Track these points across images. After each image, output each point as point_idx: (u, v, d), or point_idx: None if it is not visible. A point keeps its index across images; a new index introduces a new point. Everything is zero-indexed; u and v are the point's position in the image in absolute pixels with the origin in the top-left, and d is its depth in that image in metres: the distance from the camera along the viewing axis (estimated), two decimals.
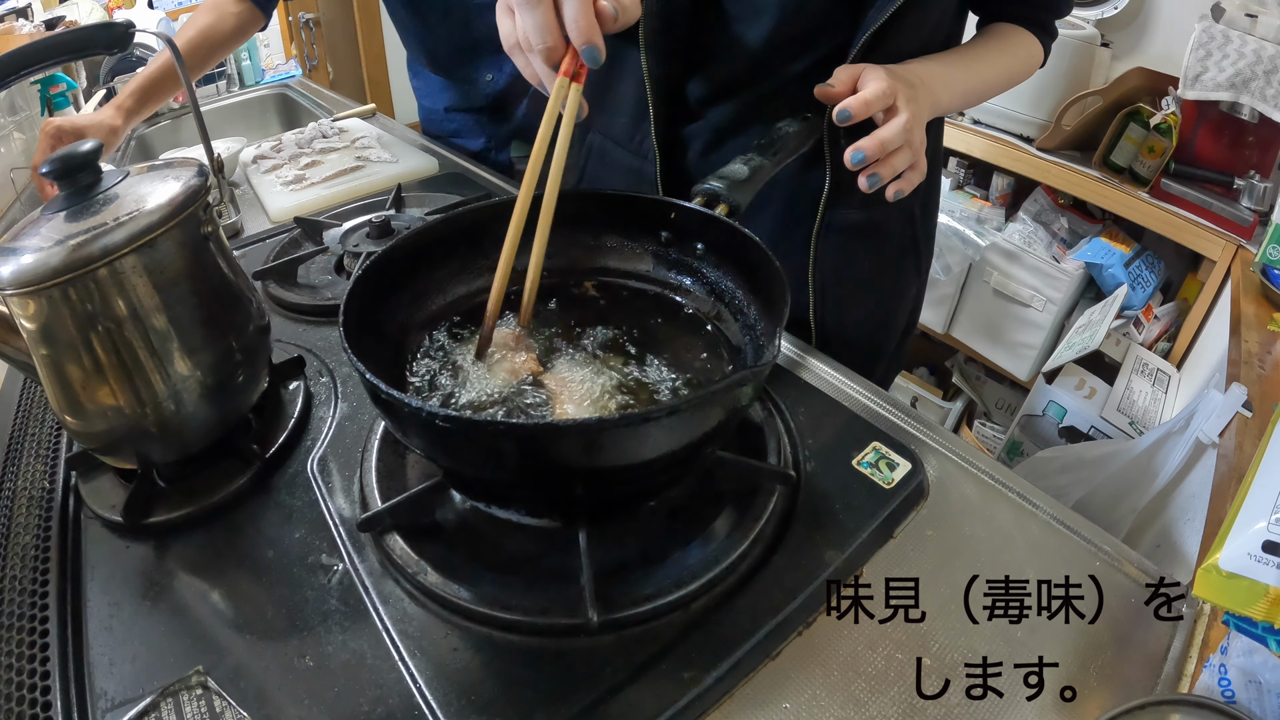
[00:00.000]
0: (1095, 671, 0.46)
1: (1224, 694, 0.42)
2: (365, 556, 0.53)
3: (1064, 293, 1.59)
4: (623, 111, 0.81)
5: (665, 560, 0.51)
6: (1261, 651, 0.42)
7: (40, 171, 0.54)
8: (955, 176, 1.83)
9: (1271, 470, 0.42)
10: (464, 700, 0.44)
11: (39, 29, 1.35)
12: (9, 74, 0.69)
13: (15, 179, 1.20)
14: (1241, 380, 0.92)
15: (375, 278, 0.55)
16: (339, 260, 0.88)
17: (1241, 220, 1.33)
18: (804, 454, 0.59)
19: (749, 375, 0.45)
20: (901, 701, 0.44)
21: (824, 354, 0.72)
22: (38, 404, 0.73)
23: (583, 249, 0.66)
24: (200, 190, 0.56)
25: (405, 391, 0.54)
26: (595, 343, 0.60)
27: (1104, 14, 1.57)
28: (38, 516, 0.59)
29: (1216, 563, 0.39)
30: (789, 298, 0.50)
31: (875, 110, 0.60)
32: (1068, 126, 1.53)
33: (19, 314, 0.52)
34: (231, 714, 0.44)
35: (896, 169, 0.62)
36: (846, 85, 0.62)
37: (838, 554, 0.51)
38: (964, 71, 0.72)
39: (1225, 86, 1.30)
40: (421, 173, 1.16)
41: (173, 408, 0.55)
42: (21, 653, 0.49)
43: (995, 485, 0.58)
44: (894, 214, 0.80)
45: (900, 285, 0.87)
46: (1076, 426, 1.38)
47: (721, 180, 0.59)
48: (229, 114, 1.65)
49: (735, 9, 0.70)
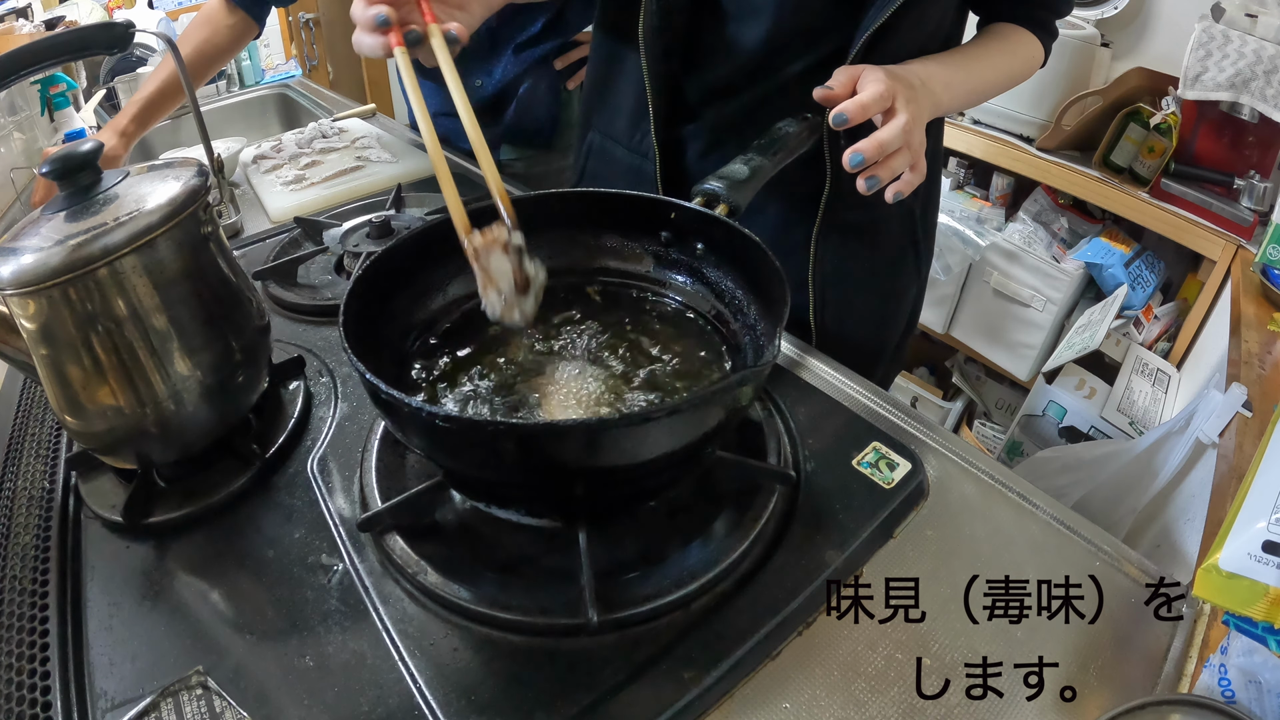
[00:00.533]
0: (1095, 671, 0.46)
1: (1224, 694, 0.42)
2: (365, 556, 0.53)
3: (1064, 293, 1.58)
4: (623, 110, 0.81)
5: (665, 560, 0.51)
6: (1261, 651, 0.42)
7: (40, 172, 0.54)
8: (955, 176, 1.83)
9: (1271, 470, 0.42)
10: (464, 700, 0.44)
11: (39, 29, 1.35)
12: (9, 74, 0.69)
13: (15, 179, 1.20)
14: (1241, 380, 0.92)
15: (375, 278, 0.55)
16: (339, 260, 0.88)
17: (1241, 220, 1.33)
18: (804, 454, 0.59)
19: (749, 375, 0.45)
20: (901, 701, 0.44)
21: (824, 354, 0.72)
22: (38, 404, 0.73)
23: (583, 249, 0.66)
24: (200, 190, 0.56)
25: (405, 392, 0.54)
26: (595, 342, 0.60)
27: (1104, 14, 1.57)
28: (38, 516, 0.59)
29: (1216, 563, 0.39)
30: (789, 297, 0.50)
31: (873, 113, 0.60)
32: (1068, 126, 1.53)
33: (19, 314, 0.52)
34: (231, 714, 0.44)
35: (895, 171, 0.61)
36: (845, 88, 0.61)
37: (838, 554, 0.51)
38: (964, 72, 0.71)
39: (1225, 86, 1.30)
40: (421, 173, 1.16)
41: (173, 408, 0.55)
42: (21, 653, 0.49)
43: (995, 485, 0.58)
44: (894, 214, 0.80)
45: (900, 285, 0.87)
46: (1076, 426, 1.38)
47: (721, 180, 0.59)
48: (229, 114, 1.65)
49: (733, 8, 0.70)
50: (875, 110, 0.60)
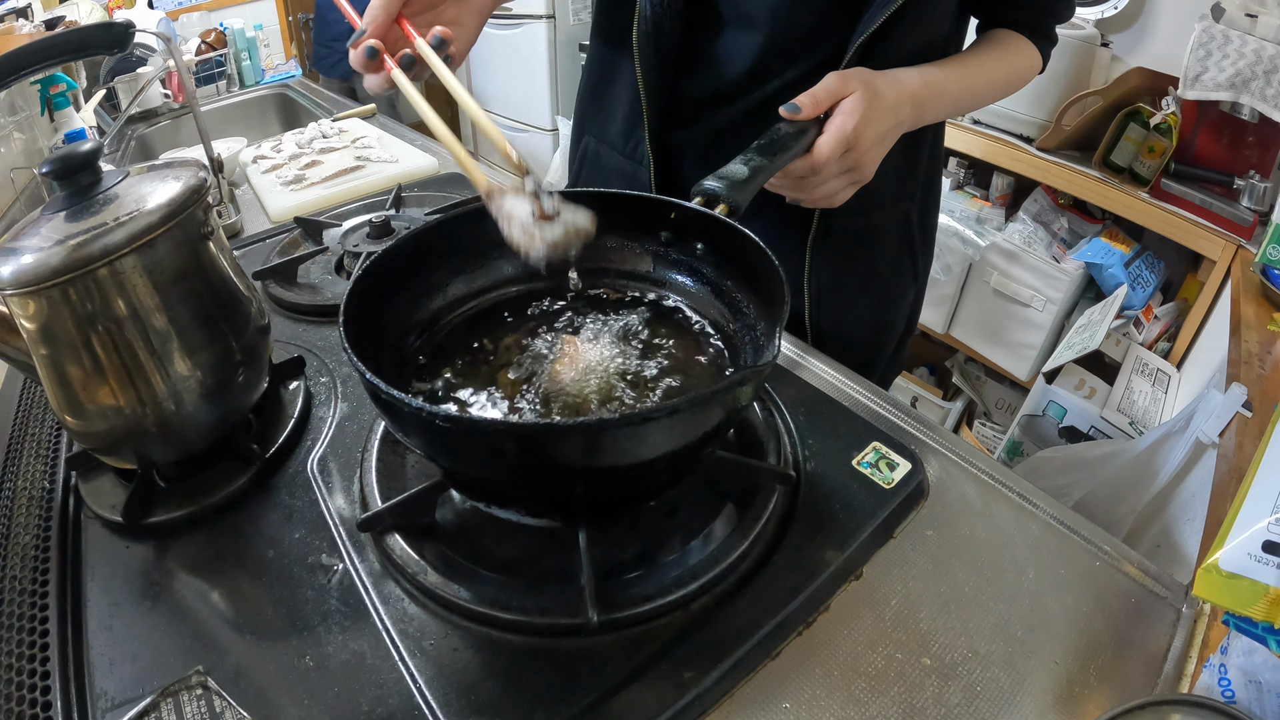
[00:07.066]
0: (1095, 671, 0.46)
1: (1224, 694, 0.42)
2: (365, 556, 0.53)
3: (1064, 293, 1.59)
4: (617, 116, 0.81)
5: (665, 560, 0.51)
6: (1261, 651, 0.42)
7: (40, 172, 0.54)
8: (955, 176, 1.83)
9: (1271, 470, 0.42)
10: (464, 700, 0.44)
11: (39, 29, 1.35)
12: (9, 74, 0.69)
13: (15, 179, 1.20)
14: (1241, 380, 0.92)
15: (375, 278, 0.55)
16: (339, 260, 0.88)
17: (1241, 220, 1.33)
18: (804, 454, 0.59)
19: (749, 375, 0.45)
20: (901, 701, 0.44)
21: (824, 354, 0.72)
22: (38, 404, 0.73)
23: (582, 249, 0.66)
24: (200, 190, 0.56)
25: (405, 392, 0.54)
26: (595, 343, 0.60)
27: (1104, 14, 1.57)
28: (38, 516, 0.59)
29: (1216, 563, 0.39)
30: (789, 298, 0.50)
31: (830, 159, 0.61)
32: (1068, 126, 1.53)
33: (19, 314, 0.52)
34: (231, 714, 0.44)
35: (816, 202, 0.65)
36: (819, 109, 0.62)
37: (838, 554, 0.51)
38: (958, 82, 0.71)
39: (1225, 86, 1.30)
40: (421, 173, 1.16)
41: (173, 408, 0.55)
42: (21, 653, 0.49)
43: (995, 485, 0.58)
44: (891, 219, 0.80)
45: (897, 290, 0.87)
46: (1076, 426, 1.38)
47: (721, 180, 0.59)
48: (229, 114, 1.65)
49: (728, 14, 0.70)
50: (832, 157, 0.61)
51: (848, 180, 0.64)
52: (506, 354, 0.59)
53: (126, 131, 1.51)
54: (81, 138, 1.26)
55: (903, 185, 0.79)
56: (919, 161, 0.80)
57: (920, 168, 0.81)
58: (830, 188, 0.64)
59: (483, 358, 0.59)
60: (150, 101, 1.57)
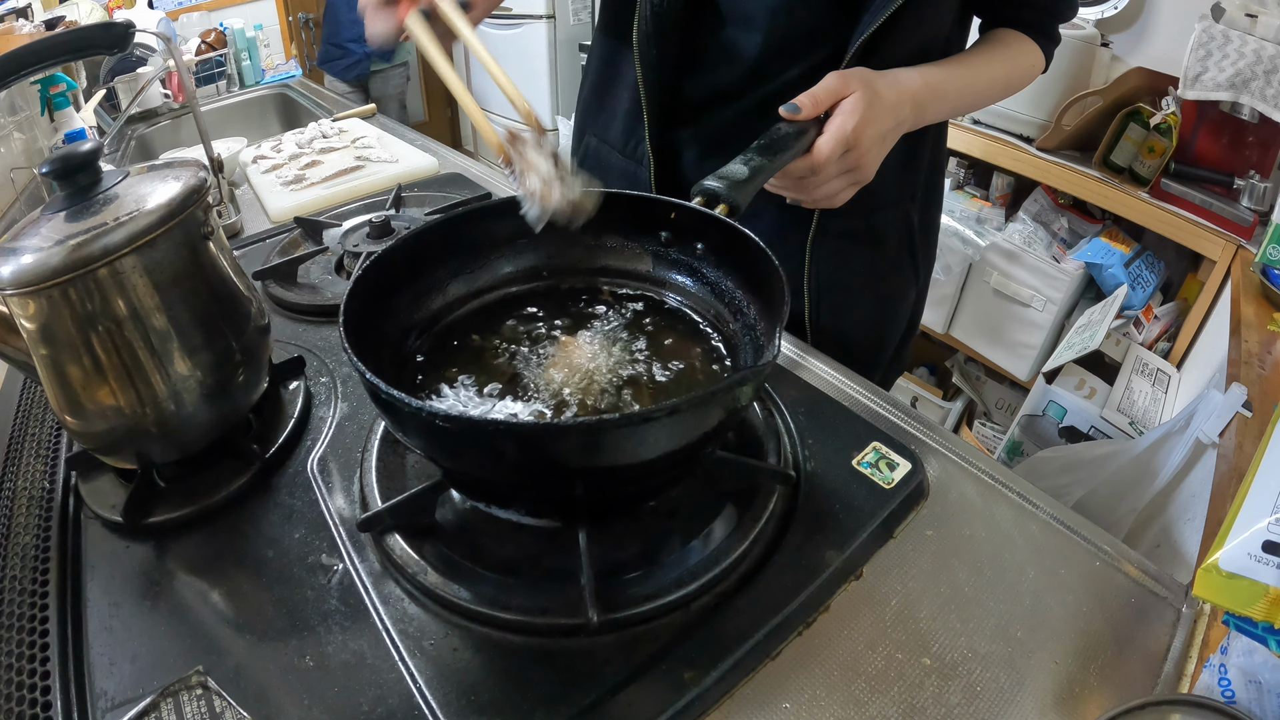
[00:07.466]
0: (1095, 671, 0.46)
1: (1224, 694, 0.42)
2: (365, 556, 0.53)
3: (1064, 293, 1.59)
4: (618, 115, 0.81)
5: (665, 560, 0.51)
6: (1261, 651, 0.42)
7: (40, 172, 0.54)
8: (955, 176, 1.83)
9: (1271, 470, 0.42)
10: (464, 700, 0.44)
11: (39, 29, 1.35)
12: (9, 74, 0.69)
13: (15, 179, 1.20)
14: (1241, 380, 0.92)
15: (375, 278, 0.55)
16: (339, 260, 0.88)
17: (1241, 220, 1.33)
18: (804, 454, 0.59)
19: (749, 375, 0.45)
20: (901, 701, 0.44)
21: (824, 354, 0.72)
22: (38, 404, 0.73)
23: (583, 249, 0.66)
24: (200, 190, 0.56)
25: (406, 392, 0.54)
26: (595, 343, 0.60)
27: (1104, 14, 1.57)
28: (38, 516, 0.59)
29: (1216, 563, 0.39)
30: (789, 298, 0.50)
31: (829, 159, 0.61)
32: (1068, 126, 1.53)
33: (19, 314, 0.52)
34: (231, 714, 0.44)
35: (816, 203, 0.65)
36: (818, 109, 0.61)
37: (838, 554, 0.51)
38: (959, 81, 0.71)
39: (1225, 86, 1.30)
40: (421, 173, 1.16)
41: (173, 408, 0.55)
42: (21, 653, 0.49)
43: (995, 485, 0.58)
44: (891, 220, 0.80)
45: (898, 290, 0.86)
46: (1076, 426, 1.38)
47: (721, 180, 0.59)
48: (229, 114, 1.65)
49: (729, 13, 0.70)
50: (832, 157, 0.61)
51: (848, 180, 0.64)
52: (506, 354, 0.59)
53: (126, 131, 1.51)
54: (81, 138, 1.26)
55: (904, 186, 0.79)
56: (920, 162, 0.80)
57: (922, 168, 0.81)
58: (830, 188, 0.63)
59: (483, 358, 0.59)
60: (150, 101, 1.57)
